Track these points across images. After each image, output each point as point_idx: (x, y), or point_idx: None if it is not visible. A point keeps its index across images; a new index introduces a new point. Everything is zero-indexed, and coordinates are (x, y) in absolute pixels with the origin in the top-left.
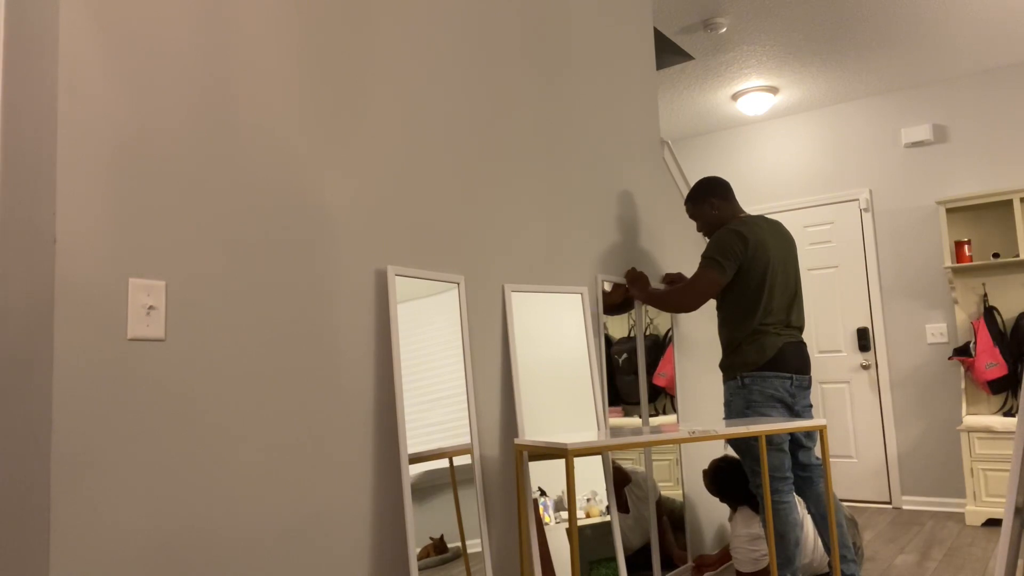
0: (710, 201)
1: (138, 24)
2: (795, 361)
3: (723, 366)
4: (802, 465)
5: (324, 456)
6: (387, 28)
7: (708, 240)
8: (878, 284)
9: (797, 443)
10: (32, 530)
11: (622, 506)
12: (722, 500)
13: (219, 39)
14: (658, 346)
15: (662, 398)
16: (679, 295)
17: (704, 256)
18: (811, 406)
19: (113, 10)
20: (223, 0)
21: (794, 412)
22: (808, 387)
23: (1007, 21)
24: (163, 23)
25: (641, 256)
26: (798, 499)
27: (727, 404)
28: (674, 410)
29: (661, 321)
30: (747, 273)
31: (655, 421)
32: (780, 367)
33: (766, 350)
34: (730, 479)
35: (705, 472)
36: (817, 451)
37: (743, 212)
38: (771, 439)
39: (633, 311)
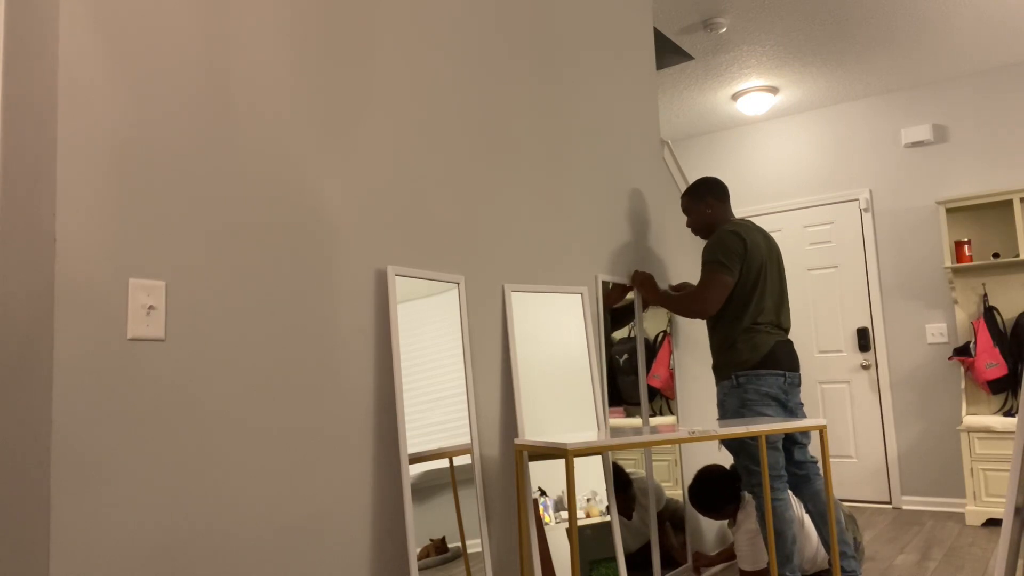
0: (707, 200)
1: (138, 25)
2: (787, 359)
3: (716, 366)
4: (797, 463)
5: (324, 456)
6: (387, 30)
7: (697, 237)
8: (878, 284)
9: (792, 440)
10: (32, 530)
11: (627, 514)
12: (708, 512)
13: (219, 39)
14: (650, 348)
15: (658, 399)
16: (694, 301)
17: (709, 260)
18: (802, 404)
19: (113, 10)
20: (223, 0)
21: (788, 409)
22: (799, 385)
23: (1007, 21)
24: (163, 23)
25: (642, 256)
26: (795, 498)
27: (721, 404)
28: (670, 411)
29: (650, 324)
30: (743, 274)
31: (655, 422)
32: (773, 365)
33: (759, 348)
34: (716, 489)
35: (690, 489)
36: (812, 449)
37: (733, 216)
38: (767, 437)
39: (632, 323)
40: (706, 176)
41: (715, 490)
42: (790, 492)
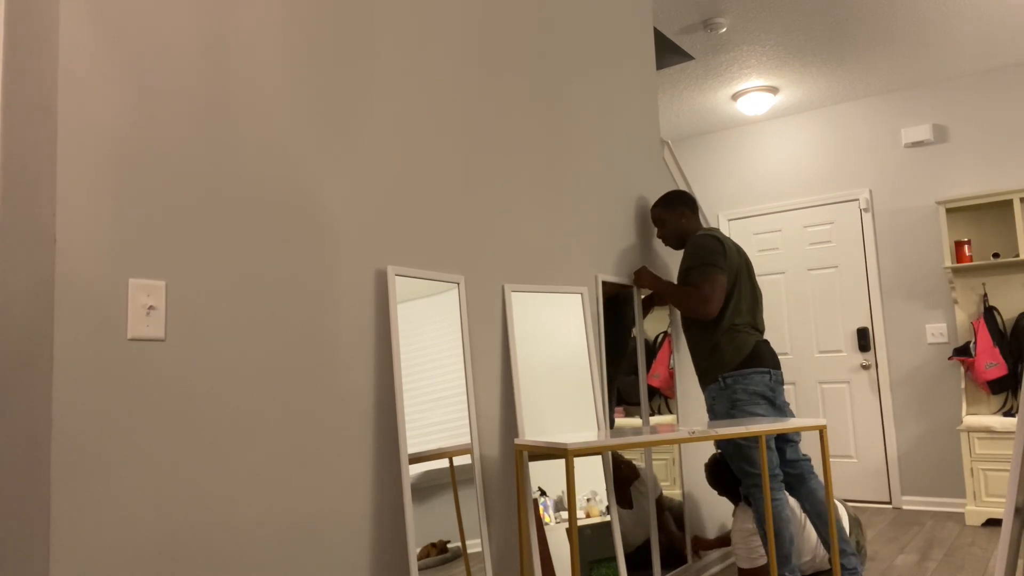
0: (680, 210)
1: (138, 24)
2: (770, 356)
3: (701, 371)
4: (791, 462)
5: (324, 456)
6: (387, 28)
7: (670, 247)
8: (878, 284)
9: (785, 439)
10: (32, 530)
11: (627, 502)
12: (721, 494)
13: (219, 39)
14: (650, 348)
15: (657, 399)
16: (699, 301)
17: (700, 263)
18: (787, 403)
19: (113, 9)
20: (223, 0)
21: (776, 406)
22: (783, 383)
23: (1007, 21)
24: (163, 23)
25: (641, 256)
26: (793, 498)
27: (710, 408)
28: (669, 410)
29: (650, 324)
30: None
31: (654, 421)
32: (758, 363)
33: (742, 348)
34: (728, 472)
35: (706, 466)
36: (809, 448)
37: (703, 227)
38: (759, 437)
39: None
40: (676, 189)
41: (727, 472)
42: (786, 493)
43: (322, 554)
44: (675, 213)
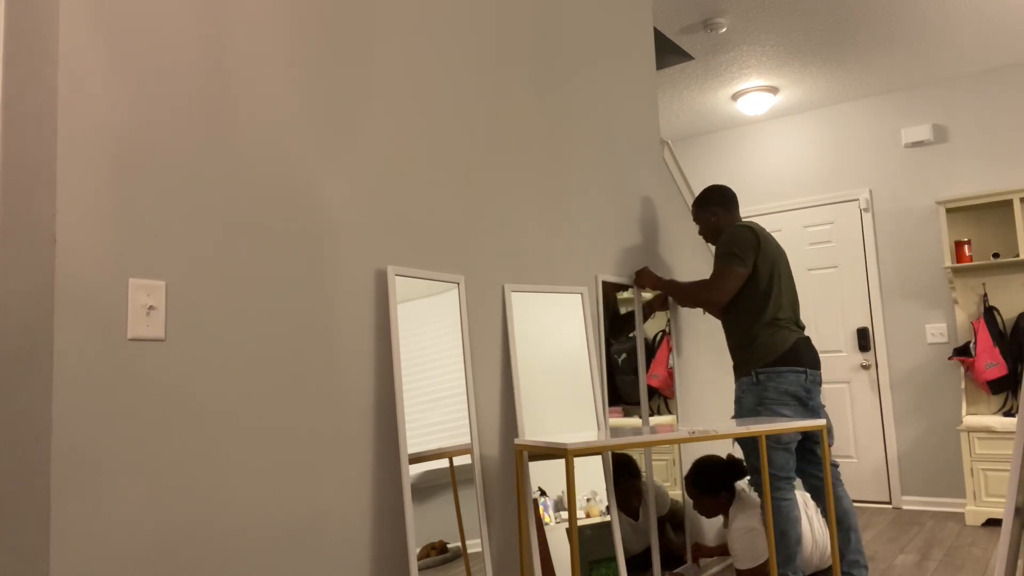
0: (711, 209)
1: (138, 24)
2: (809, 356)
3: (736, 360)
4: (819, 464)
5: (324, 456)
6: (388, 28)
7: (708, 243)
8: (878, 284)
9: (813, 440)
10: (32, 530)
11: (632, 513)
12: (708, 506)
13: (219, 38)
14: (648, 348)
15: (655, 399)
16: (706, 290)
17: (722, 253)
18: (823, 405)
19: (113, 10)
20: (223, 1)
21: (809, 408)
22: (820, 383)
23: (1007, 21)
24: (163, 23)
25: (642, 256)
26: (811, 500)
27: (737, 401)
28: (668, 410)
29: (649, 324)
30: (759, 268)
31: (654, 421)
32: (795, 362)
33: (779, 345)
34: (714, 478)
35: (687, 476)
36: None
37: (741, 222)
38: (779, 438)
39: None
40: (714, 184)
41: (708, 475)
42: (808, 494)
43: (322, 554)
44: (705, 212)
